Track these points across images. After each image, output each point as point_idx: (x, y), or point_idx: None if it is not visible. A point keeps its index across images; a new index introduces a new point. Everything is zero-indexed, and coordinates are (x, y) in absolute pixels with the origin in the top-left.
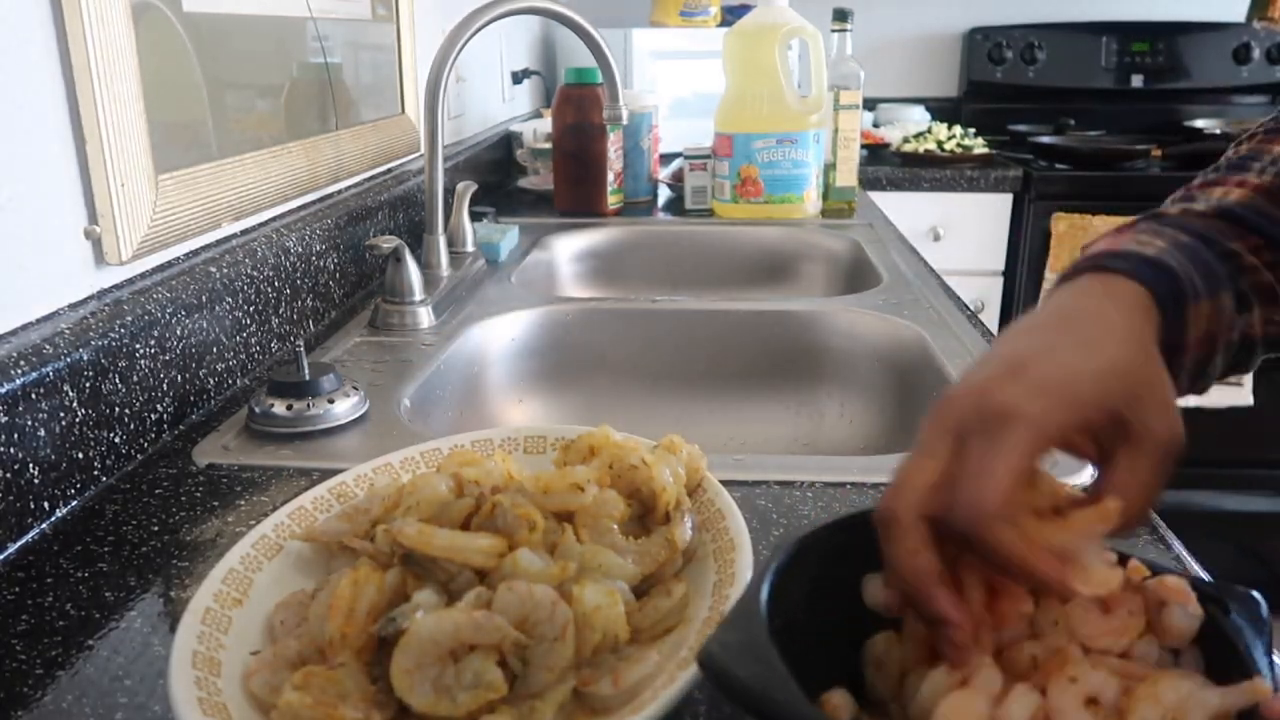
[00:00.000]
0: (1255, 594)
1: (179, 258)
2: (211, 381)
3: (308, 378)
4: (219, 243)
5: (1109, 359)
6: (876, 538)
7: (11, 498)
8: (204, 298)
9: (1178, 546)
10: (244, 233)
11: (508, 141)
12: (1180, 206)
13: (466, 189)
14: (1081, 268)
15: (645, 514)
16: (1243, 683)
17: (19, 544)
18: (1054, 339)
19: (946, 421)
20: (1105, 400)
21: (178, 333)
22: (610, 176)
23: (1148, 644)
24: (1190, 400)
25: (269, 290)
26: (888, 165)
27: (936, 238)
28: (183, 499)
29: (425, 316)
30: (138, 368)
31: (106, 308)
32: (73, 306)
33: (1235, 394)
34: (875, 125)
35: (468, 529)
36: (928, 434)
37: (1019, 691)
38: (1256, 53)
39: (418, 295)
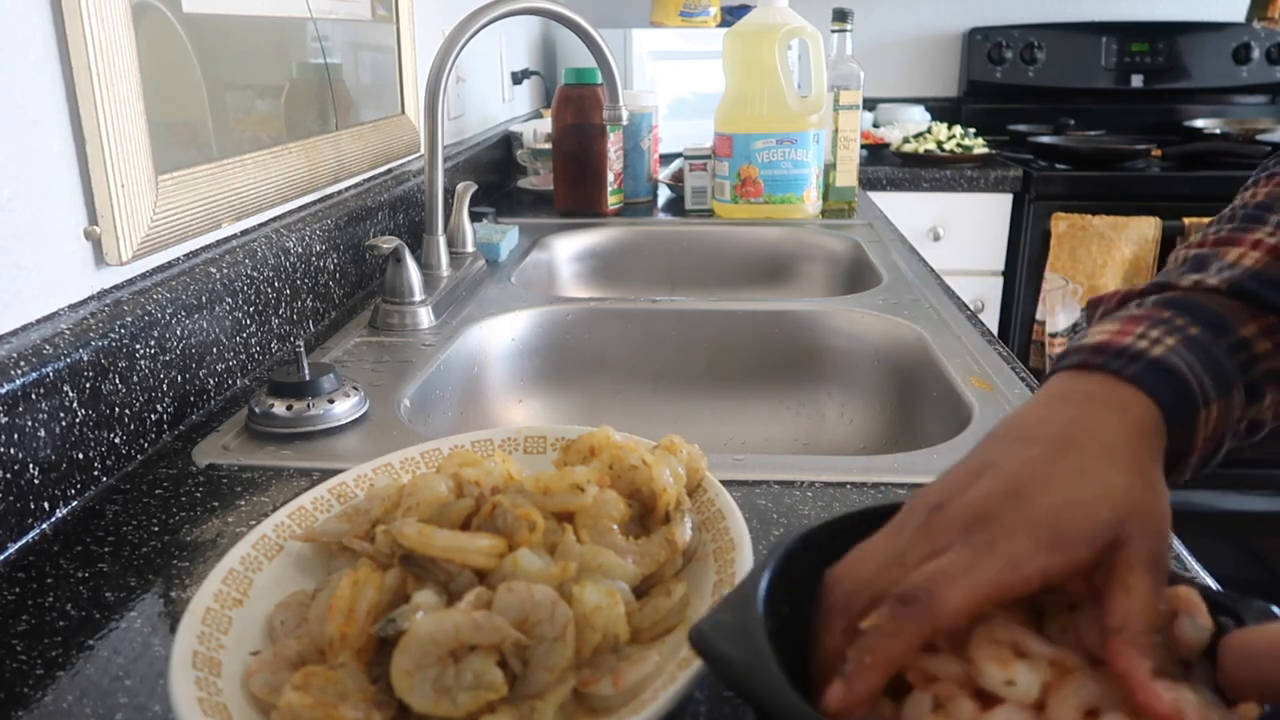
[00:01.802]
0: (1272, 607)
1: (179, 258)
2: (211, 382)
3: (308, 378)
4: (219, 243)
5: (1105, 487)
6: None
7: (11, 498)
8: (204, 298)
9: (1178, 546)
10: (244, 233)
11: (508, 142)
12: (1193, 279)
13: (466, 189)
14: (1090, 363)
15: (645, 514)
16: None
17: (19, 544)
18: (1054, 465)
19: (931, 524)
20: (1094, 534)
21: (178, 333)
22: (610, 177)
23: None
24: None
25: (269, 290)
26: (888, 165)
27: (936, 238)
28: (183, 499)
29: (425, 317)
30: (138, 368)
31: (106, 308)
32: (73, 307)
33: None
34: (875, 125)
35: (468, 529)
36: (906, 523)
37: (1004, 712)
38: (1256, 53)
39: (418, 295)
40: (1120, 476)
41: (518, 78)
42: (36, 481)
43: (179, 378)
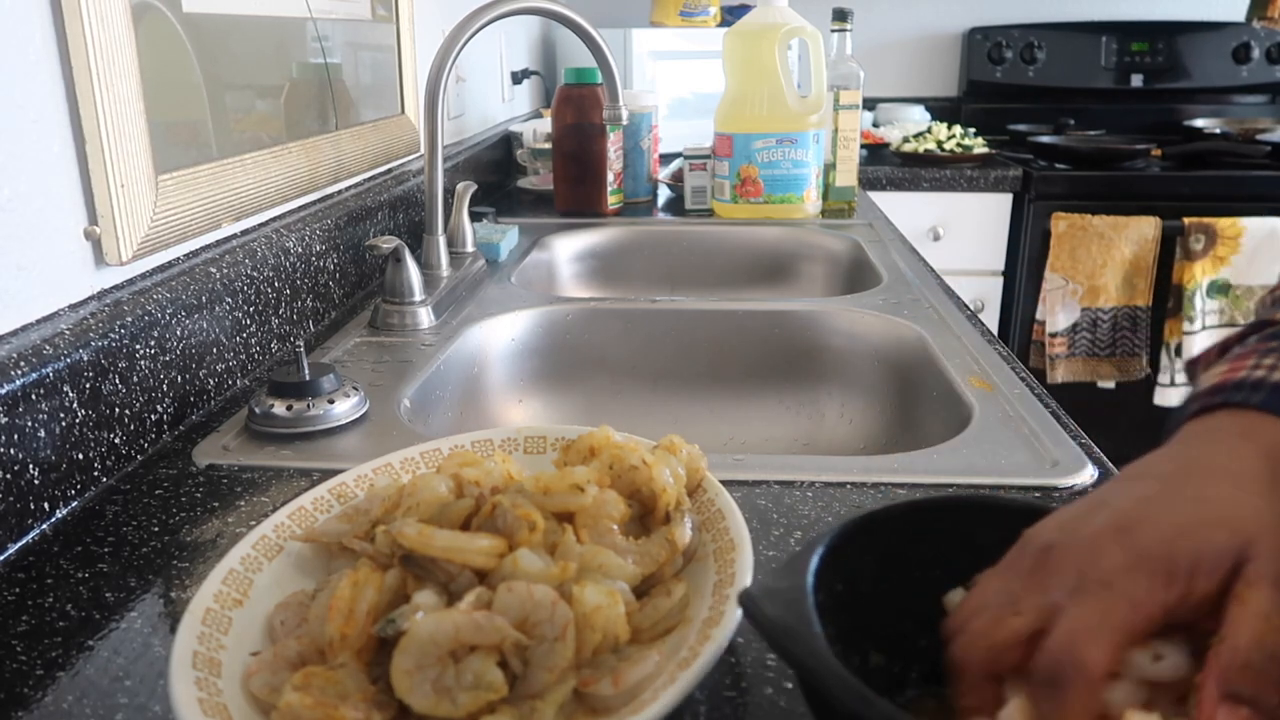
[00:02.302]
0: None
1: (179, 258)
2: (211, 382)
3: (308, 378)
4: (219, 243)
5: (1223, 512)
6: (951, 524)
7: (11, 498)
8: (204, 298)
9: None
10: (244, 233)
11: (508, 142)
12: None
13: (466, 189)
14: (1210, 404)
15: (645, 515)
16: None
17: (19, 544)
18: (1169, 498)
19: (1042, 566)
20: (1214, 560)
21: (178, 333)
22: (610, 176)
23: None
24: None
25: (269, 291)
26: (888, 165)
27: (936, 238)
28: (183, 499)
29: (425, 317)
30: (138, 368)
31: (106, 308)
32: (73, 307)
33: None
34: (875, 125)
35: (468, 529)
36: (1017, 564)
37: (1012, 709)
38: (1256, 52)
39: (418, 295)
40: (1244, 499)
41: (518, 78)
42: (36, 482)
43: (179, 378)
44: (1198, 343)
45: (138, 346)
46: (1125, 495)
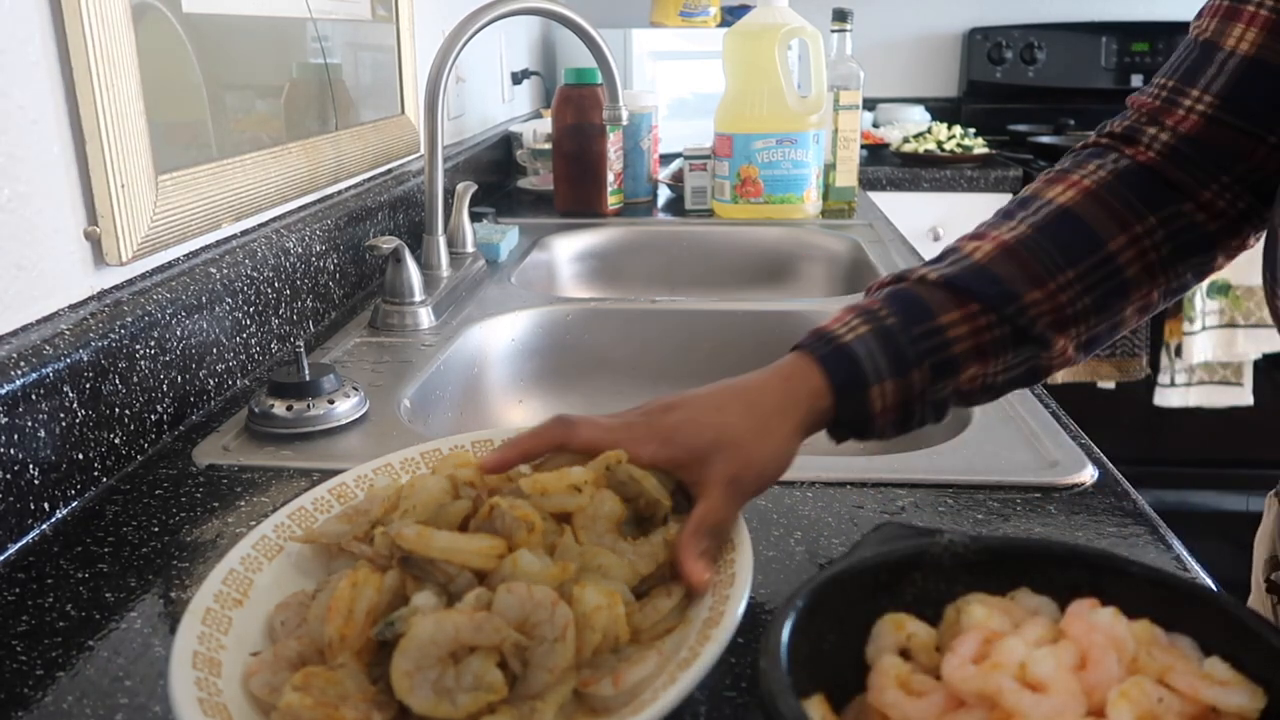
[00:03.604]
0: None
1: (179, 258)
2: (211, 382)
3: (308, 378)
4: (219, 243)
5: (723, 422)
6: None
7: (11, 498)
8: (204, 298)
9: (1178, 546)
10: (244, 233)
11: (508, 142)
12: (921, 273)
13: (466, 189)
14: (802, 343)
15: (644, 515)
16: None
17: (19, 545)
18: (707, 400)
19: (638, 409)
20: (693, 445)
21: (178, 333)
22: (610, 177)
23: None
24: (1191, 400)
25: (269, 291)
26: (888, 165)
27: (936, 238)
28: (183, 500)
29: (425, 317)
30: (138, 368)
31: (106, 308)
32: (73, 307)
33: (1235, 394)
34: (875, 125)
35: (466, 530)
36: (636, 409)
37: None
38: None
39: (418, 296)
40: (742, 421)
41: (518, 78)
42: (36, 482)
43: (179, 378)
44: (1198, 343)
45: (138, 346)
46: (701, 391)
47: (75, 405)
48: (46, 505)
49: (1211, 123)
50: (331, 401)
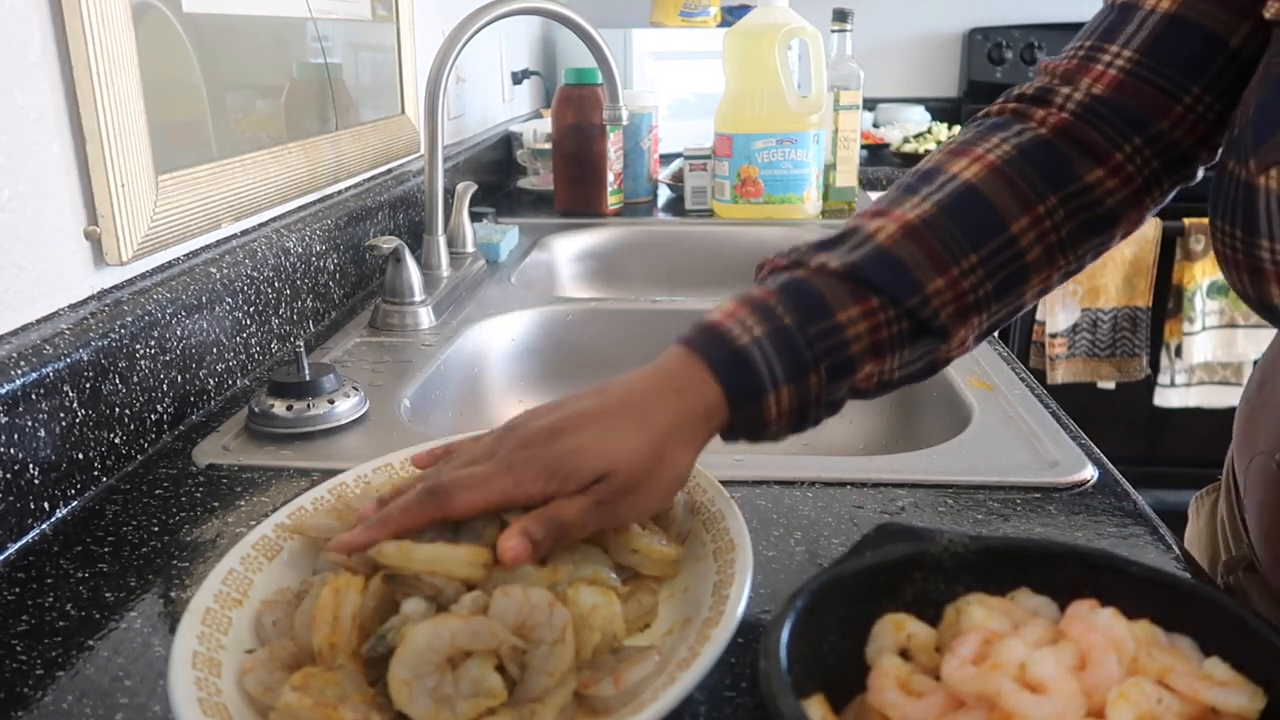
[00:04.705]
0: None
1: (179, 258)
2: (211, 382)
3: (308, 378)
4: (219, 243)
5: (612, 446)
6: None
7: (11, 498)
8: (204, 298)
9: (1178, 547)
10: (244, 233)
11: (508, 142)
12: (820, 261)
13: (466, 189)
14: (692, 341)
15: None
16: None
17: (19, 544)
18: (596, 419)
19: (501, 438)
20: (582, 475)
21: (178, 333)
22: (610, 177)
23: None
24: (1191, 400)
25: (269, 291)
26: (888, 165)
27: None
28: (183, 499)
29: (425, 317)
30: (138, 368)
31: (106, 308)
32: (73, 307)
33: (1235, 394)
34: (875, 125)
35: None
36: (490, 438)
37: None
38: None
39: (418, 296)
40: (630, 444)
41: (518, 78)
42: (36, 481)
43: (179, 378)
44: (1198, 343)
45: (138, 346)
46: (578, 404)
47: (75, 405)
48: (46, 505)
49: (1130, 78)
50: (331, 401)
